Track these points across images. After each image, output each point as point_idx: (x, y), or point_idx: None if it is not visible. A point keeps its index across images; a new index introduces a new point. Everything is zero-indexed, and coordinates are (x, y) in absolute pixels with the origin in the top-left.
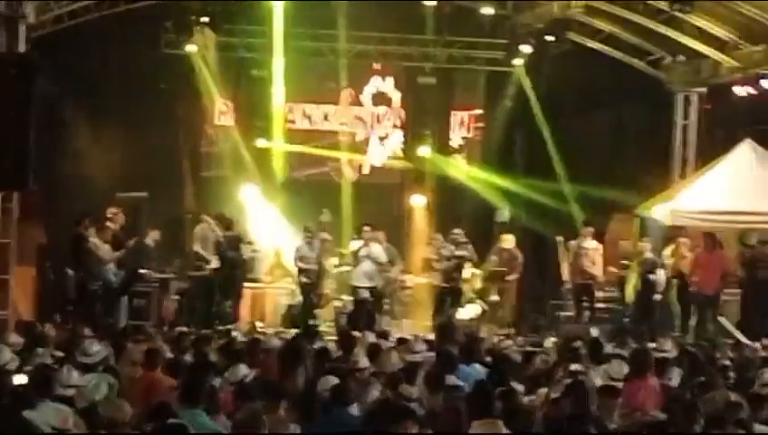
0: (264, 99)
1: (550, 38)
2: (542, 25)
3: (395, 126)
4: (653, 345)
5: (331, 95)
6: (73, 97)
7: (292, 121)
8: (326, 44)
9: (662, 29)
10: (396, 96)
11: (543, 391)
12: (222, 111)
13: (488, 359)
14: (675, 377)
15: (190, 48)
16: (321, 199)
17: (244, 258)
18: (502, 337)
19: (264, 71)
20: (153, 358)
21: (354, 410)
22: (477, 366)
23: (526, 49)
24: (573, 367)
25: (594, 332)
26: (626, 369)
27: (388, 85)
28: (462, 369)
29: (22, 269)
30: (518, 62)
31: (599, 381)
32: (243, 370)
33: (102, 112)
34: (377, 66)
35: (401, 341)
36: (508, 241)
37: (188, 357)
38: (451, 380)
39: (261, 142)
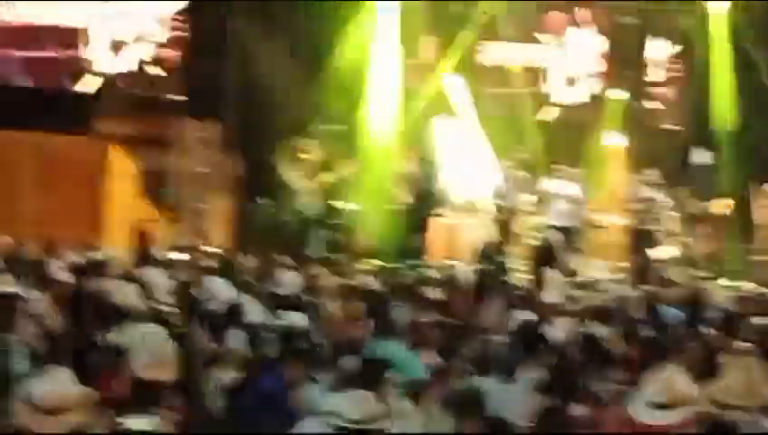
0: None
1: None
2: None
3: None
4: None
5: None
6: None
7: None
8: None
9: None
10: (598, 41)
11: None
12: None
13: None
14: None
15: None
16: (512, 138)
17: (432, 193)
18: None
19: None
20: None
21: None
22: (673, 310)
23: None
24: None
25: None
26: None
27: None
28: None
29: (218, 199)
30: (722, 5)
31: None
32: None
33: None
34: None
35: None
36: (720, 207)
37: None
38: None
39: (450, 77)
